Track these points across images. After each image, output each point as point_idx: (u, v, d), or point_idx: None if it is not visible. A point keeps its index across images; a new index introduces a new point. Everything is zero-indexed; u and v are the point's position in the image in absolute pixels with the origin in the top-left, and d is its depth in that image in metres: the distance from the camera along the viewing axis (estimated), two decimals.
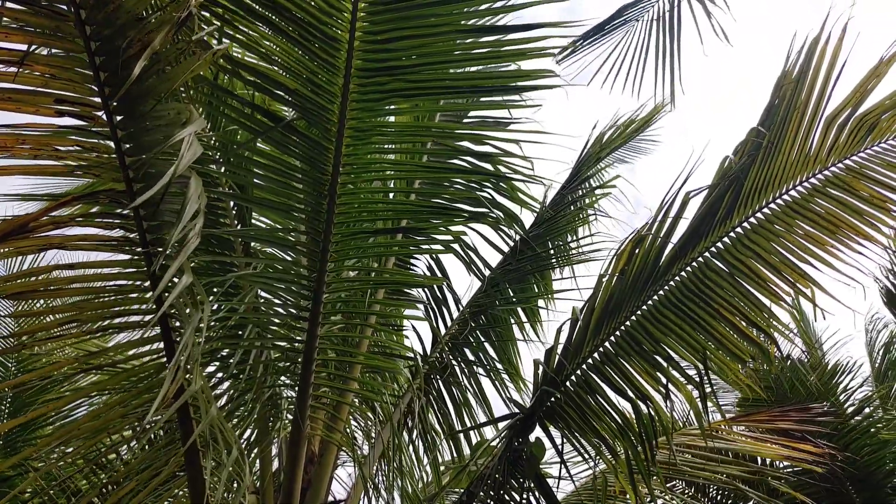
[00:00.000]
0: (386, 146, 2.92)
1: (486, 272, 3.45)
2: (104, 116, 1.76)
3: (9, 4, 1.58)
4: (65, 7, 1.63)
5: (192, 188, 1.60)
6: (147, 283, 1.95)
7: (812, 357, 5.19)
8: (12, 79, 1.65)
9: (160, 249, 1.86)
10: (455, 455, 3.44)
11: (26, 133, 1.68)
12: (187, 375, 1.67)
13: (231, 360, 2.66)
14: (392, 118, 2.97)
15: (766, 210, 2.64)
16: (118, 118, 1.76)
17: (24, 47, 1.63)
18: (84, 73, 1.72)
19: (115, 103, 1.74)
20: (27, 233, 1.75)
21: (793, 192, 2.64)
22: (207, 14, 2.25)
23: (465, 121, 3.24)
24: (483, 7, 2.37)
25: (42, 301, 1.85)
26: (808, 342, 5.23)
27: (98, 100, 1.74)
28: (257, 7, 2.21)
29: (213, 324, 2.53)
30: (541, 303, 3.58)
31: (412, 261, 3.47)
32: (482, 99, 2.73)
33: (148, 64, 1.70)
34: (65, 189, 3.40)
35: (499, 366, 3.43)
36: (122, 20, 1.65)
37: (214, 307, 2.62)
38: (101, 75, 1.71)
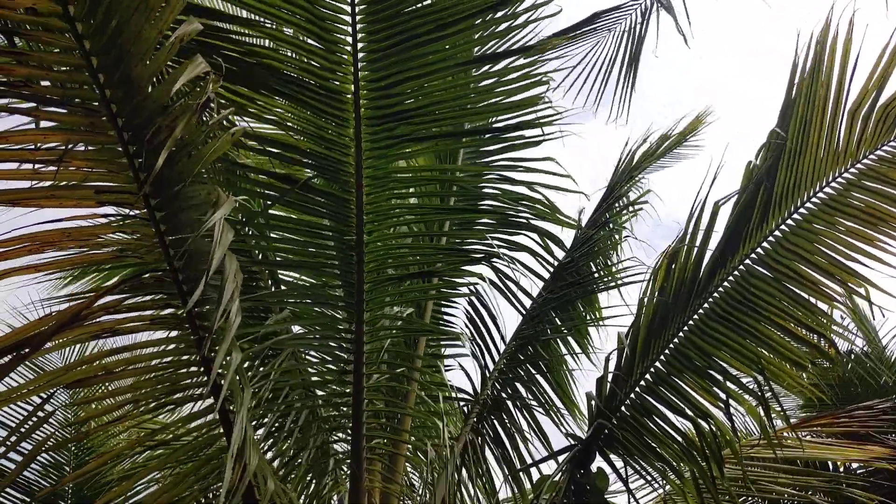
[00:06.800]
0: (405, 190, 2.94)
1: (528, 302, 3.41)
2: (142, 202, 1.82)
3: (45, 108, 1.66)
4: (97, 103, 1.70)
5: (227, 268, 1.64)
6: (197, 357, 1.99)
7: (873, 351, 4.99)
8: (53, 177, 1.72)
9: (206, 324, 1.90)
10: (515, 492, 3.36)
11: (72, 227, 1.75)
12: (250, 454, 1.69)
13: (280, 422, 2.67)
14: (408, 162, 3.01)
15: (802, 210, 2.58)
16: (154, 202, 1.82)
17: (59, 145, 1.70)
18: (120, 163, 1.79)
19: (150, 188, 1.80)
20: (80, 321, 1.80)
21: (827, 189, 2.58)
22: (223, 101, 2.32)
23: (487, 159, 3.23)
24: (481, 35, 2.37)
25: (100, 386, 1.90)
26: (867, 336, 5.03)
27: (135, 185, 1.80)
28: (269, 83, 2.28)
29: (257, 389, 2.54)
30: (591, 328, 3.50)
31: (450, 301, 3.46)
32: (498, 133, 2.73)
33: (177, 148, 1.76)
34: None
35: (552, 396, 3.36)
36: (150, 109, 1.72)
37: (262, 370, 2.65)
38: (136, 162, 1.78)
